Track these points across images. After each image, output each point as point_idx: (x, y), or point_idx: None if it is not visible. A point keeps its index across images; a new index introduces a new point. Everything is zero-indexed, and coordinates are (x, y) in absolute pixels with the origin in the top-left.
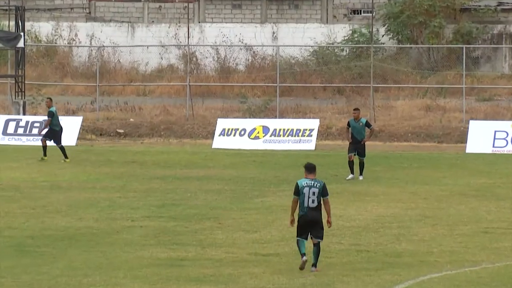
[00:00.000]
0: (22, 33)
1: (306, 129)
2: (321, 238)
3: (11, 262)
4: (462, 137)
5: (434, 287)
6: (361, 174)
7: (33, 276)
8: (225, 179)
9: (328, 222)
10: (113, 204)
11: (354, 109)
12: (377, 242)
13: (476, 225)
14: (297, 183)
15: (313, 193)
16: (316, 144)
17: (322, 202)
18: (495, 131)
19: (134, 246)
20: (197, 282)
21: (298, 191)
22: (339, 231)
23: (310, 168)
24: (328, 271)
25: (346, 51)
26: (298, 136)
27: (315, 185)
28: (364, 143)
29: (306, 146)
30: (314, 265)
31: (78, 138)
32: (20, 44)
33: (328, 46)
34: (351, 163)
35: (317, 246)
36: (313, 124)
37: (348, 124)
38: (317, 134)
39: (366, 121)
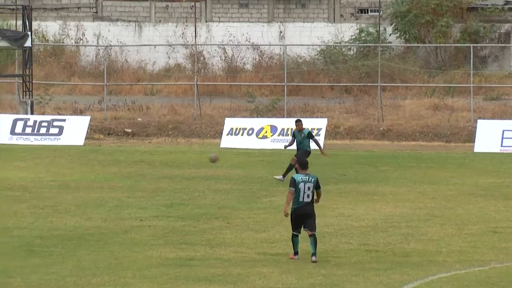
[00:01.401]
0: (29, 33)
1: (314, 129)
2: (315, 229)
3: (20, 262)
4: (470, 137)
5: (443, 287)
6: (283, 176)
7: (41, 276)
8: (233, 178)
9: (316, 200)
10: (121, 203)
11: (296, 121)
12: (385, 242)
13: (484, 224)
14: (293, 177)
15: (308, 188)
16: (324, 144)
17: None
18: (503, 130)
19: (143, 246)
20: (206, 282)
21: (294, 185)
22: (348, 230)
23: (304, 164)
24: (337, 271)
25: (353, 50)
26: None
27: (310, 180)
28: (325, 155)
29: (314, 145)
30: (314, 254)
31: (86, 138)
32: (27, 43)
33: (336, 46)
34: (290, 166)
35: (313, 237)
36: (321, 123)
37: (293, 135)
38: (325, 134)
39: (308, 132)
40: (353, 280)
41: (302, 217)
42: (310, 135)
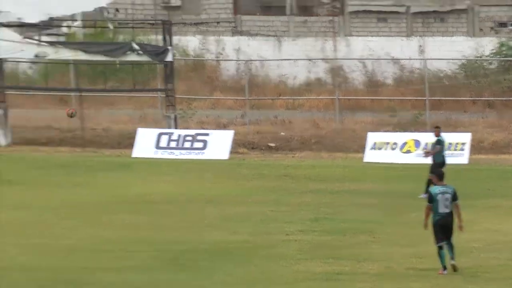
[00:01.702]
0: (169, 47)
1: (458, 143)
2: (451, 239)
3: (169, 275)
4: None
5: None
6: (426, 192)
7: None
8: (378, 193)
9: (460, 227)
10: (266, 218)
11: (434, 127)
12: None
13: None
14: (429, 191)
15: (446, 199)
16: (469, 158)
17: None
18: None
19: (289, 260)
20: None
21: (432, 199)
22: (496, 245)
23: (440, 176)
24: (487, 286)
25: (494, 64)
26: (450, 150)
27: (447, 191)
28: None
29: (458, 160)
30: (452, 258)
31: (230, 152)
32: (168, 58)
33: (476, 60)
34: (429, 181)
35: (449, 244)
36: (465, 138)
37: None
38: (470, 148)
39: (437, 140)
40: None
41: (444, 228)
42: (436, 142)
